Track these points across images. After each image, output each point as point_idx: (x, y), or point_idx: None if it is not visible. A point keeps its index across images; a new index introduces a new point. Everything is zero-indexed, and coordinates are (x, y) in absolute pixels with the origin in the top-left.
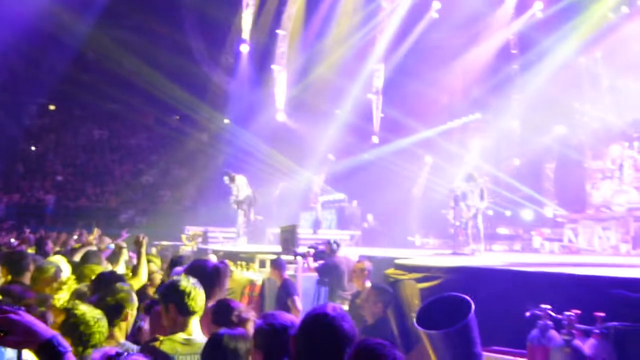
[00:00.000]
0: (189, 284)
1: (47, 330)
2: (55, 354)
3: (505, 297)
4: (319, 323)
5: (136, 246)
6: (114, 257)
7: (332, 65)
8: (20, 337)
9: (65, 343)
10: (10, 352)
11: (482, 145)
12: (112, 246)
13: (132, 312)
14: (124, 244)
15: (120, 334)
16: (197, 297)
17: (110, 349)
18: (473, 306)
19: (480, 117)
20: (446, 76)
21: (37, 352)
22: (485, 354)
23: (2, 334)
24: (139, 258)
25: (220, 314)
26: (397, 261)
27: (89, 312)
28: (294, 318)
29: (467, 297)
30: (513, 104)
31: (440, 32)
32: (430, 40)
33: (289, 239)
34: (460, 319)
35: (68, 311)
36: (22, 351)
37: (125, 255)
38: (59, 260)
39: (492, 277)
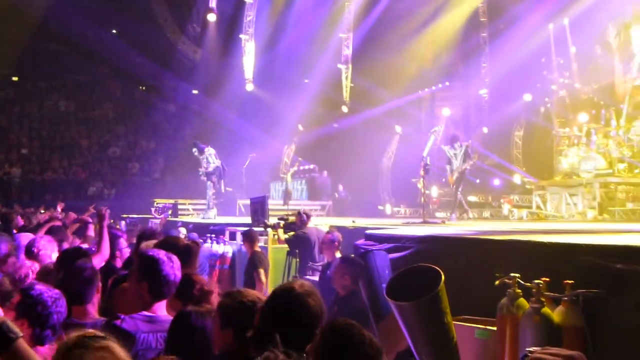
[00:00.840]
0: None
1: None
2: (5, 340)
3: (476, 266)
4: (286, 299)
5: (98, 220)
6: (80, 232)
7: (301, 35)
8: None
9: (16, 329)
10: None
11: (452, 114)
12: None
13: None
14: (90, 219)
15: (94, 309)
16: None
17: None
18: (443, 276)
19: (449, 85)
20: (415, 45)
21: None
22: (455, 323)
23: None
24: (100, 232)
25: (183, 288)
26: (367, 232)
27: (46, 292)
28: (259, 294)
29: (437, 268)
30: (482, 72)
31: (409, 0)
32: (399, 8)
33: (259, 210)
34: (431, 289)
35: (24, 292)
36: None
37: (91, 230)
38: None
39: (462, 246)
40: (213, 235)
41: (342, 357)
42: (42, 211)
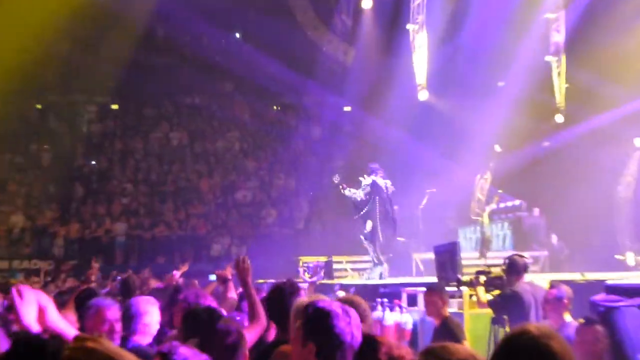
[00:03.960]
0: None
1: None
2: None
3: None
4: (522, 345)
5: (239, 275)
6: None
7: (490, 20)
8: None
9: None
10: None
11: None
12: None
13: None
14: (229, 275)
15: None
16: None
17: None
18: None
19: None
20: None
21: None
22: None
23: None
24: (247, 293)
25: (366, 352)
26: (608, 283)
27: (192, 357)
28: (471, 350)
29: None
30: None
31: None
32: None
33: (447, 262)
34: None
35: (164, 356)
36: None
37: (232, 291)
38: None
39: None
40: (385, 300)
41: None
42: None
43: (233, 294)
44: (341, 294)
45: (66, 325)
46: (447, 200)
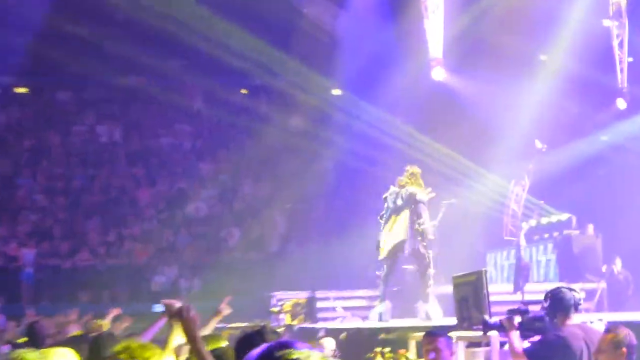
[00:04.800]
0: None
1: None
2: None
3: None
4: None
5: (183, 328)
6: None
7: None
8: None
9: None
10: None
11: None
12: None
13: None
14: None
15: None
16: None
17: None
18: None
19: None
20: None
21: None
22: None
23: None
24: (197, 353)
25: None
26: None
27: None
28: None
29: None
30: None
31: None
32: None
33: (470, 298)
34: None
35: None
36: None
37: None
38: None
39: None
40: (386, 351)
41: None
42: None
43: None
44: (328, 342)
45: None
46: (471, 215)
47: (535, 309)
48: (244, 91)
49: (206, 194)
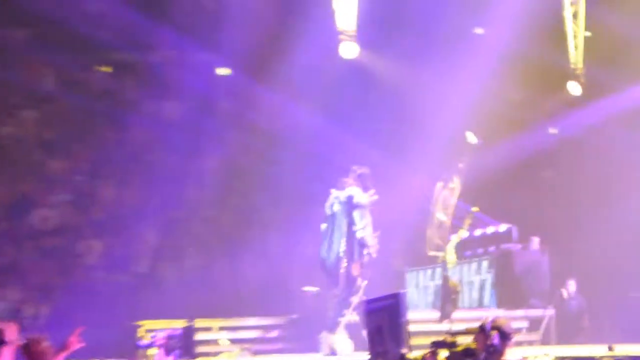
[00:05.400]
0: None
1: None
2: None
3: None
4: None
5: None
6: None
7: None
8: None
9: None
10: None
11: None
12: None
13: None
14: None
15: None
16: None
17: None
18: None
19: None
20: None
21: None
22: None
23: None
24: None
25: None
26: None
27: None
28: None
29: None
30: None
31: None
32: None
33: (385, 328)
34: None
35: None
36: None
37: None
38: None
39: None
40: None
41: None
42: None
43: None
44: None
45: None
46: (389, 225)
47: (465, 340)
48: (105, 69)
49: (57, 200)
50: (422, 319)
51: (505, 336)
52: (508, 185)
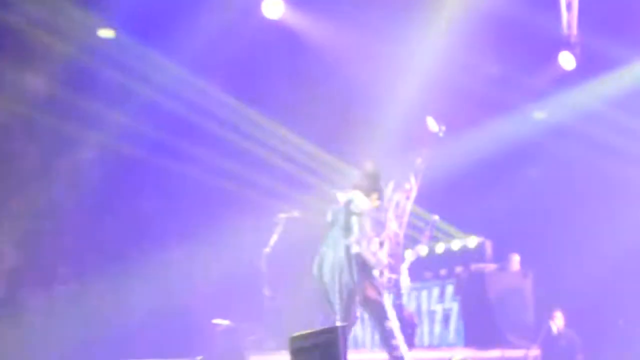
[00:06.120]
0: None
1: None
2: None
3: None
4: None
5: None
6: None
7: None
8: None
9: None
10: None
11: None
12: None
13: None
14: None
15: None
16: None
17: None
18: None
19: None
20: None
21: None
22: None
23: None
24: None
25: None
26: None
27: None
28: None
29: None
30: None
31: None
32: None
33: None
34: None
35: None
36: None
37: None
38: None
39: None
40: None
41: None
42: None
43: None
44: None
45: None
46: (318, 238)
47: None
48: None
49: None
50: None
51: None
52: (481, 186)
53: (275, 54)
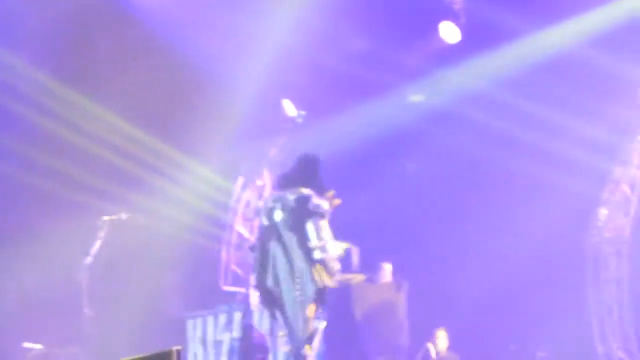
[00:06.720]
0: None
1: None
2: None
3: None
4: None
5: None
6: None
7: None
8: None
9: None
10: None
11: None
12: None
13: None
14: None
15: None
16: None
17: None
18: None
19: None
20: None
21: None
22: None
23: None
24: None
25: None
26: None
27: None
28: None
29: None
30: None
31: None
32: None
33: None
34: None
35: None
36: None
37: None
38: None
39: None
40: None
41: None
42: None
43: None
44: None
45: None
46: (158, 245)
47: None
48: None
49: None
50: None
51: None
52: (346, 182)
53: (98, 25)
